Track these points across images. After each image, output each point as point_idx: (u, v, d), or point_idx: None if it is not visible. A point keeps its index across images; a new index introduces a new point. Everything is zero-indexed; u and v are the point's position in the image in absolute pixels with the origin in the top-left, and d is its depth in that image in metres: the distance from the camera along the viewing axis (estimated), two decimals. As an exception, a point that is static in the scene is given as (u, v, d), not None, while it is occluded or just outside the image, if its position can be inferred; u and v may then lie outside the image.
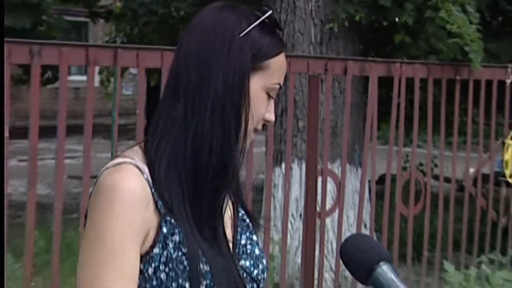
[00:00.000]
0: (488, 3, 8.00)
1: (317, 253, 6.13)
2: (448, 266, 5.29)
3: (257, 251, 1.94)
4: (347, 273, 6.57)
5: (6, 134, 4.54)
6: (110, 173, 1.79)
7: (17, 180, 8.53)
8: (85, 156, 4.83)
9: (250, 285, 1.88)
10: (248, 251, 1.92)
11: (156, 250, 1.77)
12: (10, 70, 4.58)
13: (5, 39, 4.75)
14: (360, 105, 7.14)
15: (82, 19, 16.65)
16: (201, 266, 1.76)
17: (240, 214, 1.97)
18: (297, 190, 6.65)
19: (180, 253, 1.77)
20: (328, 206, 6.20)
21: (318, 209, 6.09)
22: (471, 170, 7.36)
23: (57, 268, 4.63)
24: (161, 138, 1.83)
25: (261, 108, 1.89)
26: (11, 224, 4.72)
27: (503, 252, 7.22)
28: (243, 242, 1.92)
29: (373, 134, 6.39)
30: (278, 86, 1.92)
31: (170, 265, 1.77)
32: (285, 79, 6.47)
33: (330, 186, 6.24)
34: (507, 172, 7.39)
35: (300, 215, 6.54)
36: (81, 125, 4.81)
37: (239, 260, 1.88)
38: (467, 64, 6.83)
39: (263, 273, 1.92)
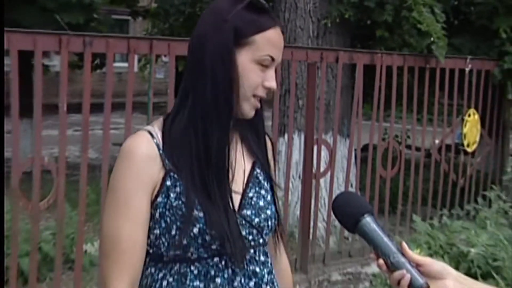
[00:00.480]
0: (452, 6, 7.95)
1: (312, 207, 6.15)
2: (417, 218, 5.28)
3: (261, 203, 1.88)
4: (336, 222, 6.58)
5: (64, 109, 4.55)
6: (127, 139, 1.83)
7: (73, 146, 8.57)
8: (126, 127, 4.83)
9: (248, 230, 1.83)
10: (253, 202, 1.86)
11: (159, 199, 1.78)
12: (68, 57, 4.57)
13: (63, 32, 4.76)
14: (348, 88, 7.10)
15: (125, 17, 16.61)
16: (196, 212, 1.75)
17: (255, 172, 1.92)
18: (297, 156, 6.64)
19: (180, 202, 1.77)
20: (322, 169, 6.20)
21: (313, 171, 6.09)
22: (437, 141, 7.35)
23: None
24: (177, 109, 1.84)
25: (252, 77, 1.80)
26: (68, 181, 4.74)
27: (461, 207, 7.23)
28: (250, 195, 1.87)
29: (359, 111, 6.38)
30: (268, 58, 1.80)
31: (171, 211, 1.77)
32: (288, 66, 6.42)
33: (324, 153, 6.23)
34: (465, 143, 7.40)
35: (299, 176, 6.54)
36: (123, 103, 4.80)
37: (242, 210, 1.84)
38: (435, 56, 6.81)
39: (266, 221, 1.87)
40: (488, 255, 4.40)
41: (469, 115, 7.41)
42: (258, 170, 1.94)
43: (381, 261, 1.68)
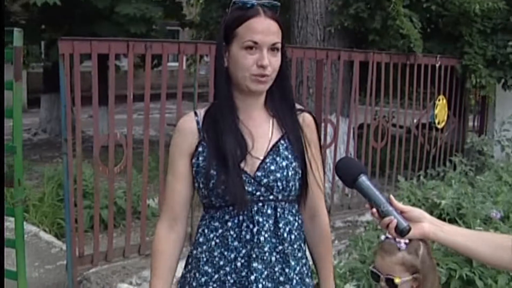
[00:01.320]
0: (426, 17, 7.84)
1: (320, 170, 6.12)
2: (401, 178, 5.25)
3: (272, 167, 1.82)
4: (340, 183, 6.56)
5: (131, 98, 4.56)
6: (180, 118, 1.94)
7: (137, 126, 8.57)
8: (177, 112, 4.83)
9: (256, 188, 1.81)
10: (265, 167, 1.82)
11: (193, 160, 1.85)
12: (133, 59, 4.57)
13: (130, 39, 4.75)
14: (348, 80, 7.01)
15: (176, 27, 16.55)
16: (212, 171, 1.79)
17: (279, 143, 1.87)
18: (308, 132, 6.61)
19: (205, 163, 1.82)
20: (328, 141, 6.18)
21: (321, 143, 6.06)
22: (415, 120, 7.30)
23: (162, 179, 4.68)
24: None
25: (243, 61, 1.77)
26: (135, 153, 4.76)
27: (433, 169, 7.19)
28: (267, 161, 1.83)
29: (356, 97, 6.32)
30: (250, 42, 1.76)
31: (199, 169, 1.84)
32: (301, 62, 6.25)
33: (329, 129, 6.19)
34: (436, 121, 7.37)
35: (310, 147, 6.51)
36: (175, 93, 4.79)
37: (256, 172, 1.81)
38: (413, 54, 6.76)
39: (275, 182, 1.82)
40: (454, 205, 4.37)
41: (439, 100, 7.36)
42: (283, 142, 1.88)
43: (374, 210, 1.68)
